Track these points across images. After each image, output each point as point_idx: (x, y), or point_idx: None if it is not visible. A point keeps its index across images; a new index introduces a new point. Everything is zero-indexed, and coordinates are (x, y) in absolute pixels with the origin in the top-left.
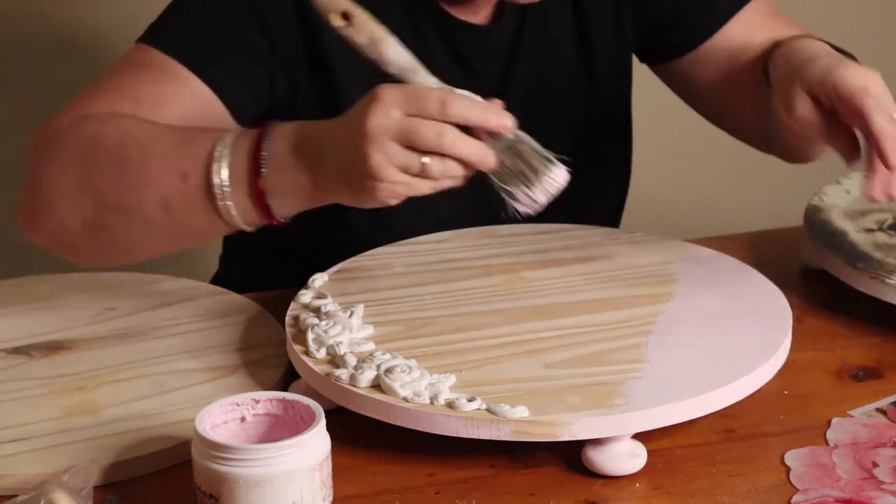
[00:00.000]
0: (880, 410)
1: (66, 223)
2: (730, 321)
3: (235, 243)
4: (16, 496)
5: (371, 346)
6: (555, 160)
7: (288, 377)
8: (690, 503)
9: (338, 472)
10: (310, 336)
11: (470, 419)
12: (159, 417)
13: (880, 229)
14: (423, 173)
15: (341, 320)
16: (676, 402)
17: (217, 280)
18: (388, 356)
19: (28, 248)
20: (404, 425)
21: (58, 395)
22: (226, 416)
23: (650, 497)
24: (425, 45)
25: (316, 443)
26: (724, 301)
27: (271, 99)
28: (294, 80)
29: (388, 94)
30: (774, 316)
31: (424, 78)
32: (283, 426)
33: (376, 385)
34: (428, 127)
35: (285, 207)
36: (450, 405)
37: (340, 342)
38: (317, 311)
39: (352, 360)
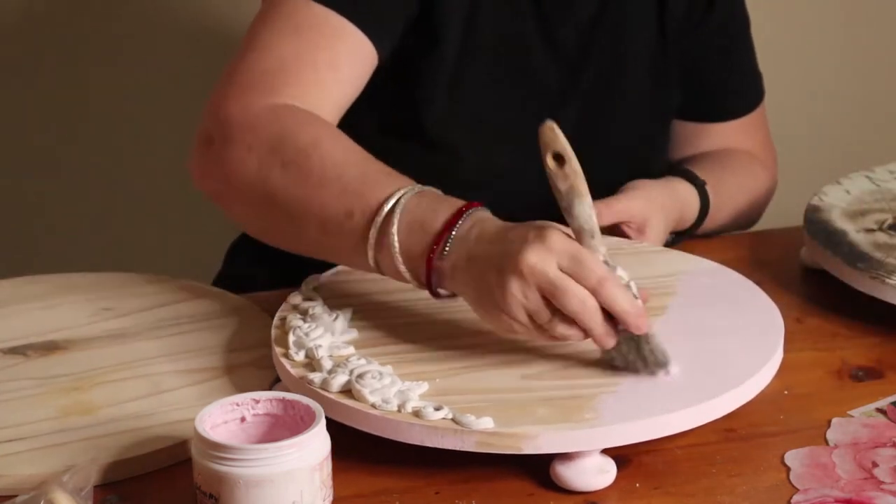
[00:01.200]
0: (880, 410)
1: (240, 195)
2: (717, 340)
3: (245, 240)
4: (12, 496)
5: (351, 349)
6: (669, 368)
7: None
8: (690, 503)
9: (338, 472)
10: (291, 338)
11: (434, 428)
12: (155, 418)
13: (880, 229)
14: (545, 326)
15: (324, 323)
16: (645, 419)
17: (223, 276)
18: (363, 361)
19: (26, 248)
20: (371, 432)
21: (54, 396)
22: (226, 416)
23: (650, 497)
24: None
25: (316, 443)
26: (716, 318)
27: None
28: (408, 18)
29: (556, 241)
30: (764, 337)
31: (596, 247)
32: (283, 426)
33: (348, 390)
34: (575, 293)
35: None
36: (416, 413)
37: (320, 345)
38: (304, 314)
39: (327, 364)
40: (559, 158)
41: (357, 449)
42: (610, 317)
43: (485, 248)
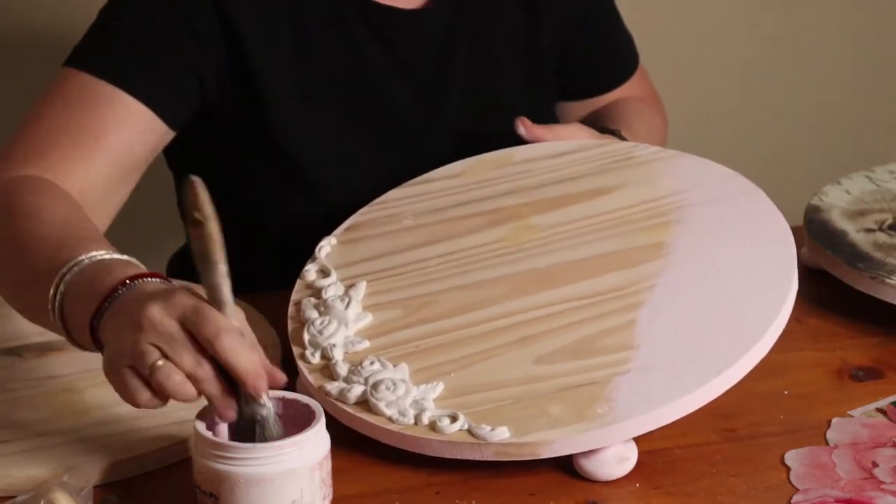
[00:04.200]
0: (880, 410)
1: None
2: (728, 287)
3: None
4: (12, 497)
5: (366, 344)
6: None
7: None
8: (690, 503)
9: (338, 472)
10: (305, 337)
11: (452, 442)
12: (149, 419)
13: (880, 229)
14: (150, 372)
15: (338, 314)
16: (658, 408)
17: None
18: (377, 366)
19: None
20: (391, 444)
21: (46, 397)
22: None
23: (650, 497)
24: (350, 34)
25: (316, 442)
26: (728, 254)
27: (202, 100)
28: (220, 78)
29: (182, 297)
30: (776, 272)
31: (229, 316)
32: (282, 425)
33: (365, 401)
34: (189, 349)
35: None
36: (432, 427)
37: (334, 345)
38: (318, 296)
39: (343, 371)
40: (196, 223)
41: (357, 449)
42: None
43: (129, 304)
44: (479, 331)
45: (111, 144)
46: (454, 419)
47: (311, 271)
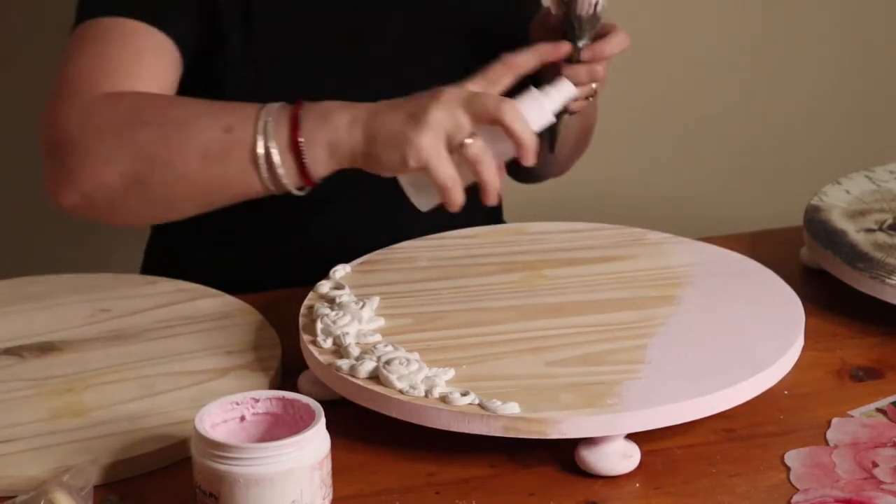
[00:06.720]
0: (880, 410)
1: (102, 180)
2: (738, 327)
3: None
4: (11, 497)
5: (378, 337)
6: None
7: (279, 380)
8: (690, 503)
9: (338, 472)
10: (318, 326)
11: (462, 413)
12: (149, 420)
13: (880, 229)
14: (460, 148)
15: (352, 311)
16: (669, 404)
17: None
18: (389, 348)
19: (24, 248)
20: (398, 417)
21: (46, 397)
22: (225, 414)
23: (650, 497)
24: None
25: (315, 442)
26: (738, 306)
27: (198, 40)
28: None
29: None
30: (785, 326)
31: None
32: (282, 425)
33: (376, 377)
34: (489, 98)
35: (319, 164)
36: (443, 399)
37: (347, 333)
38: (331, 302)
39: (355, 351)
40: None
41: (357, 449)
42: None
43: (389, 105)
44: (490, 339)
45: (149, 70)
46: (465, 394)
47: (324, 285)
